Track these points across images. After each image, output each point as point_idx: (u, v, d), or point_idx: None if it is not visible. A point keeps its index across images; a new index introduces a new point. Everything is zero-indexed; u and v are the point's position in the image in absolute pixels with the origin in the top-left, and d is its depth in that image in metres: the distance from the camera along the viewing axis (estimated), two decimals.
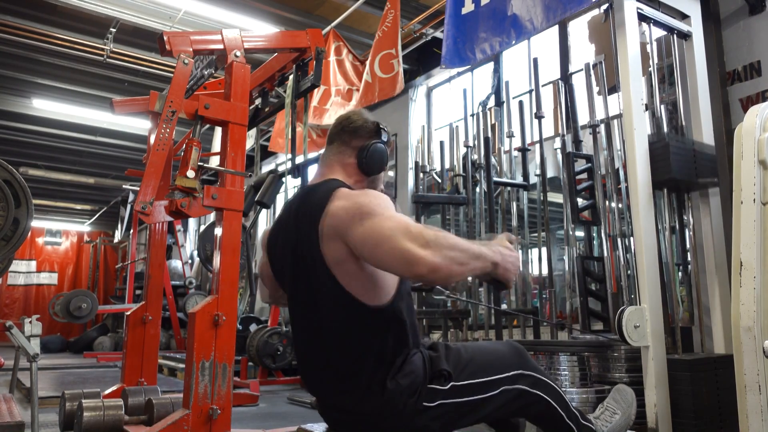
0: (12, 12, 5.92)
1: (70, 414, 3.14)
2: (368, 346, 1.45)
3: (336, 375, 1.50)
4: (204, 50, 3.00)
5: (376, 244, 1.34)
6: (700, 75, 3.36)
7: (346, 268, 1.43)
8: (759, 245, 2.07)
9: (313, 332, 1.55)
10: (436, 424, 1.52)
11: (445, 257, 1.31)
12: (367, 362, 1.45)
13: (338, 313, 1.46)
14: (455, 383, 1.53)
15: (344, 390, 1.49)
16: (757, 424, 1.98)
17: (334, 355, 1.49)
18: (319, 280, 1.46)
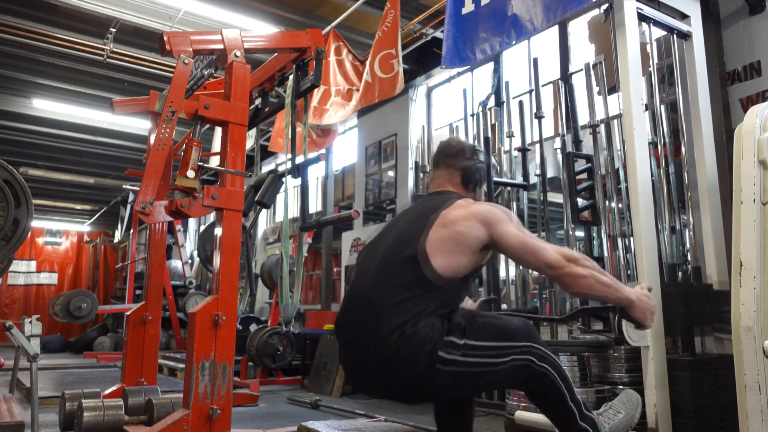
0: (12, 12, 5.92)
1: (70, 414, 3.14)
2: (417, 302, 1.70)
3: (375, 317, 1.71)
4: (204, 50, 2.99)
5: (532, 251, 1.75)
6: (700, 75, 3.36)
7: (448, 251, 1.74)
8: (759, 245, 2.07)
9: (372, 285, 1.79)
10: (446, 379, 1.68)
11: (586, 270, 1.72)
12: (407, 312, 1.67)
13: (410, 273, 1.73)
14: (469, 341, 1.70)
15: (374, 331, 1.69)
16: (757, 424, 1.98)
17: (384, 301, 1.72)
18: (410, 251, 1.75)
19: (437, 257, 1.73)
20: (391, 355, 1.67)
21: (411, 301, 1.70)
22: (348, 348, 1.86)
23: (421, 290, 1.72)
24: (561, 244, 4.07)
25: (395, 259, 1.80)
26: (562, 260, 1.74)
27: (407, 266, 1.75)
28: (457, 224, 1.78)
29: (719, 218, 3.23)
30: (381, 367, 1.72)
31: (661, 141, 3.47)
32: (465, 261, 1.77)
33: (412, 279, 1.73)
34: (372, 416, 3.86)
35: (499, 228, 1.78)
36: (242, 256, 4.08)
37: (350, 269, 7.02)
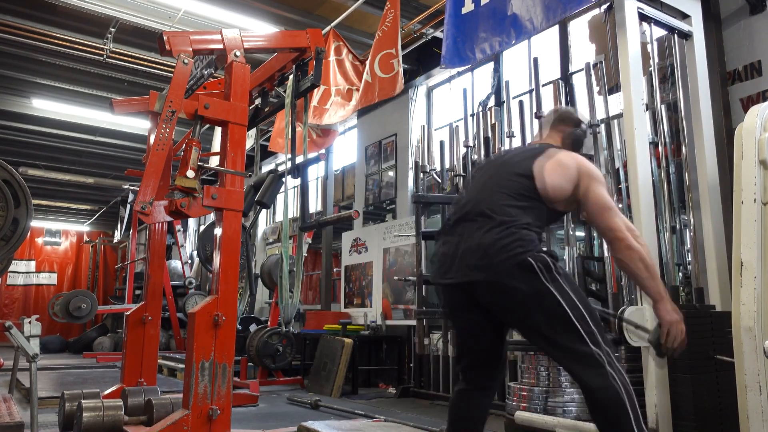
0: (12, 12, 5.92)
1: (69, 414, 3.14)
2: (522, 212, 1.93)
3: (482, 212, 1.96)
4: (204, 50, 2.99)
5: (605, 207, 1.94)
6: (701, 75, 3.36)
7: (552, 173, 1.99)
8: (759, 245, 2.06)
9: (481, 190, 2.06)
10: (522, 284, 1.82)
11: (638, 246, 1.86)
12: (514, 216, 1.91)
13: (518, 185, 1.99)
14: (558, 275, 1.84)
15: (480, 222, 1.93)
16: (757, 425, 1.98)
17: (493, 201, 1.97)
18: (519, 170, 2.02)
19: (544, 175, 1.98)
20: (489, 244, 1.87)
21: (515, 209, 1.93)
22: (448, 238, 2.04)
23: (527, 203, 1.96)
24: (561, 244, 4.07)
25: (505, 175, 2.05)
26: (623, 227, 1.89)
27: (518, 179, 2.00)
28: (561, 159, 2.03)
29: (720, 218, 3.22)
30: (477, 249, 1.90)
31: (661, 141, 3.46)
32: (563, 188, 1.99)
33: (521, 189, 1.98)
34: (372, 416, 3.86)
35: (591, 180, 1.98)
36: (242, 256, 4.09)
37: (350, 269, 7.02)
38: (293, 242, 3.89)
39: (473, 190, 2.14)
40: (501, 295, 1.88)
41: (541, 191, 1.97)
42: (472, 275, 1.91)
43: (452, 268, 1.98)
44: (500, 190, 2.01)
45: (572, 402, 3.16)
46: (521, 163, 2.07)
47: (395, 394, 5.25)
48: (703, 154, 3.28)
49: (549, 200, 1.99)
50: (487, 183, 2.09)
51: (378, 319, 6.24)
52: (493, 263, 1.85)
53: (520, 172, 2.02)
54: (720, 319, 2.82)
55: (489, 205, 1.97)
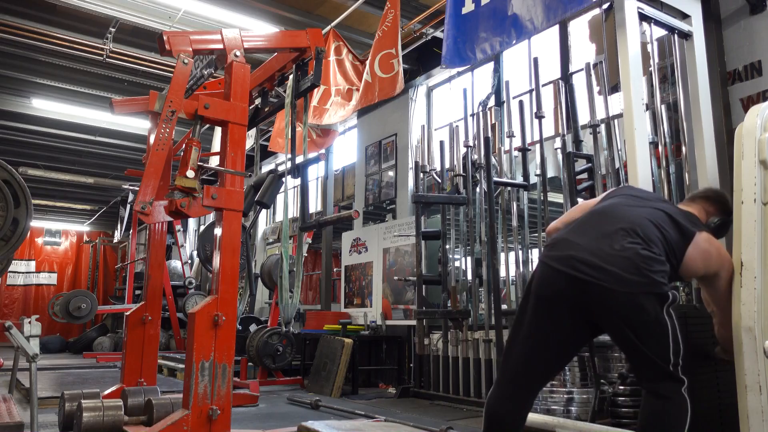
0: (12, 12, 5.92)
1: (69, 414, 3.14)
2: (663, 256, 1.96)
3: (632, 232, 1.97)
4: (204, 50, 2.99)
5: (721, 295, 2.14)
6: (701, 75, 3.36)
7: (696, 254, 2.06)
8: (759, 245, 2.06)
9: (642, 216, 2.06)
10: (652, 310, 1.87)
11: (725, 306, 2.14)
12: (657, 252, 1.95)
13: (674, 237, 2.02)
14: (674, 316, 1.93)
15: (623, 238, 1.94)
16: (757, 425, 1.98)
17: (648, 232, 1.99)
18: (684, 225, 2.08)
19: (694, 251, 2.04)
20: (635, 253, 1.90)
21: (661, 249, 1.97)
22: (575, 238, 2.02)
23: (667, 253, 1.98)
24: None
25: (667, 217, 2.07)
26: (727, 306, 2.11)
27: (675, 231, 2.04)
28: (711, 249, 2.09)
29: None
30: (626, 259, 1.89)
31: (661, 141, 3.46)
32: (696, 272, 2.11)
33: (672, 242, 2.01)
34: (372, 416, 3.86)
35: (723, 274, 2.12)
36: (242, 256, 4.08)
37: (350, 269, 7.02)
38: (293, 242, 3.89)
39: (633, 205, 2.14)
40: (627, 309, 1.89)
41: (684, 260, 2.04)
42: (607, 280, 1.88)
43: (576, 258, 1.93)
44: (657, 229, 2.02)
45: (572, 402, 3.16)
46: (688, 223, 2.10)
47: (395, 394, 5.25)
48: (703, 154, 3.27)
49: (678, 268, 2.06)
50: (651, 213, 2.08)
51: (378, 319, 6.24)
52: (639, 281, 1.87)
53: (684, 227, 2.07)
54: None
55: (641, 225, 1.99)
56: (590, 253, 1.93)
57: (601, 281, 1.86)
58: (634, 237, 1.94)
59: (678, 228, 2.05)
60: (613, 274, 1.86)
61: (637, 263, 1.88)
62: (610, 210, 2.13)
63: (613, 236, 1.95)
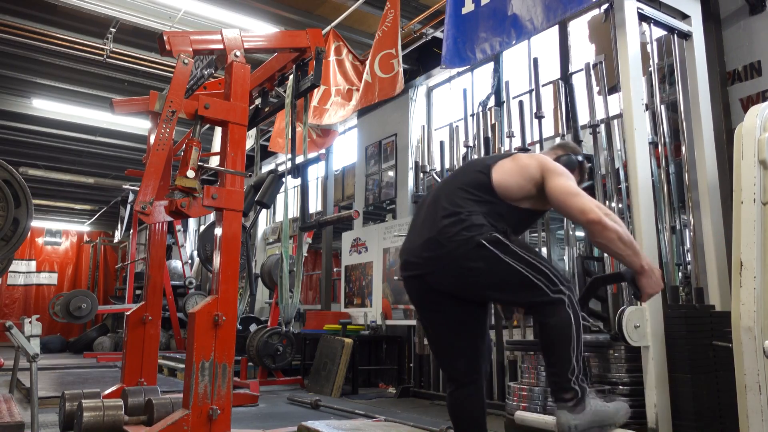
0: (12, 12, 5.92)
1: (70, 414, 3.14)
2: (475, 204, 2.02)
3: (436, 207, 2.07)
4: (204, 50, 2.99)
5: (570, 193, 1.97)
6: (701, 75, 3.36)
7: (508, 173, 2.08)
8: (759, 245, 2.06)
9: (439, 189, 2.18)
10: (480, 263, 1.92)
11: (613, 225, 1.89)
12: (465, 207, 2.00)
13: (473, 180, 2.10)
14: (511, 245, 1.94)
15: (433, 215, 2.05)
16: (757, 425, 1.98)
17: (447, 197, 2.07)
18: (478, 168, 2.14)
19: (498, 173, 2.08)
20: (440, 231, 1.98)
21: (468, 201, 2.02)
22: (410, 238, 2.17)
23: (480, 196, 2.04)
24: (561, 244, 4.07)
25: (464, 173, 2.19)
26: (595, 209, 1.92)
27: (474, 175, 2.11)
28: (522, 160, 2.13)
29: (719, 218, 3.22)
30: (431, 241, 2.00)
31: (661, 141, 3.46)
32: (519, 186, 2.06)
33: (473, 183, 2.07)
34: (372, 416, 3.86)
35: (550, 174, 2.05)
36: (242, 256, 4.08)
37: (350, 269, 7.02)
38: (293, 242, 3.89)
39: (439, 184, 2.26)
40: (461, 277, 1.97)
41: (495, 188, 2.05)
42: (429, 266, 2.01)
43: (412, 262, 2.08)
44: (457, 184, 2.12)
45: None
46: (485, 161, 2.19)
47: (395, 394, 5.25)
48: (702, 154, 3.28)
49: (505, 197, 2.06)
50: (450, 178, 2.23)
51: (378, 319, 6.24)
52: (447, 251, 1.95)
53: (479, 169, 2.14)
54: (720, 319, 2.82)
55: (446, 197, 2.08)
56: (416, 250, 2.08)
57: (428, 269, 2.02)
58: (444, 212, 2.03)
59: (478, 171, 2.13)
60: (429, 259, 2.00)
61: (442, 237, 1.97)
62: (427, 200, 2.22)
63: (429, 222, 2.07)
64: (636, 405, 2.90)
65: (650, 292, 1.97)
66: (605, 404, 2.04)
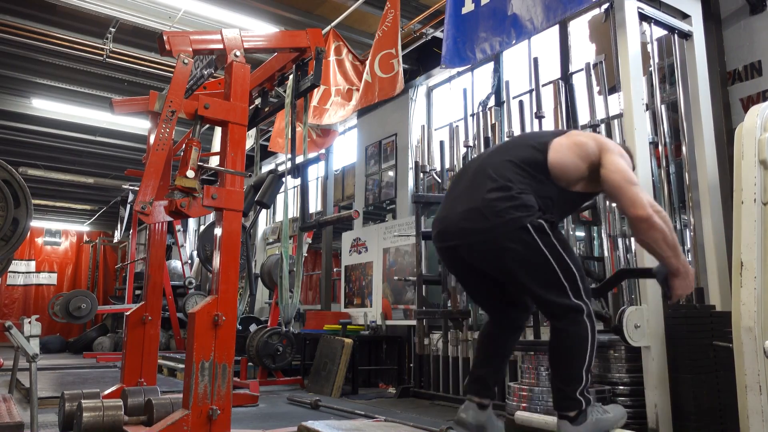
0: (12, 12, 5.91)
1: (69, 414, 3.13)
2: (527, 181, 1.94)
3: (485, 177, 1.97)
4: (204, 50, 2.99)
5: (628, 180, 1.89)
6: (701, 75, 3.36)
7: (564, 152, 1.98)
8: (759, 245, 2.06)
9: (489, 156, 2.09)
10: (517, 245, 1.87)
11: (661, 223, 1.84)
12: (518, 183, 1.92)
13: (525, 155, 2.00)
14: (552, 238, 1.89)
15: (481, 184, 1.96)
16: (757, 425, 1.98)
17: (498, 168, 1.98)
18: (532, 142, 2.04)
19: (554, 152, 1.97)
20: (488, 202, 1.90)
21: (519, 176, 1.93)
22: (448, 204, 2.08)
23: (531, 173, 1.94)
24: None
25: (515, 145, 2.07)
26: (647, 203, 1.85)
27: (526, 150, 2.01)
28: (579, 137, 2.05)
29: (720, 218, 3.22)
30: (474, 211, 1.93)
31: (661, 141, 3.46)
32: (574, 167, 1.97)
33: (526, 159, 1.97)
34: (372, 416, 3.86)
35: (609, 153, 1.97)
36: (242, 256, 4.08)
37: (350, 269, 7.02)
38: (293, 242, 3.89)
39: (485, 152, 2.17)
40: (495, 254, 1.94)
41: (551, 168, 1.96)
42: (466, 237, 1.97)
43: (448, 232, 2.04)
44: (509, 157, 2.01)
45: None
46: (541, 137, 2.08)
47: (395, 394, 5.25)
48: (703, 154, 3.27)
49: (558, 179, 1.98)
50: (500, 148, 2.12)
51: (378, 319, 6.24)
52: (491, 225, 1.89)
53: (534, 144, 2.04)
54: (720, 319, 2.82)
55: (495, 168, 1.99)
56: (454, 218, 2.02)
57: (463, 239, 1.97)
58: (490, 183, 1.95)
59: (533, 147, 2.04)
60: (468, 231, 1.95)
61: (488, 210, 1.91)
62: (470, 168, 2.14)
63: (472, 192, 1.99)
64: (636, 405, 2.90)
65: (681, 293, 1.94)
66: (606, 411, 2.04)
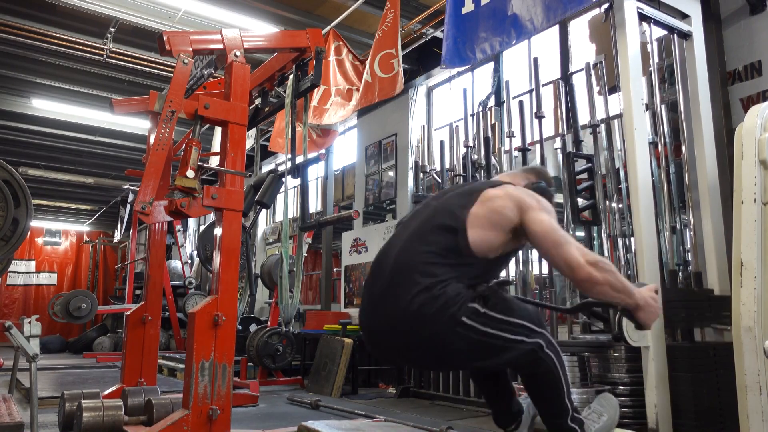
0: (12, 12, 5.91)
1: (69, 414, 3.13)
2: (447, 269, 1.78)
3: (402, 278, 1.81)
4: (204, 50, 2.99)
5: (555, 243, 1.76)
6: (701, 75, 3.36)
7: (483, 227, 1.82)
8: (759, 245, 2.06)
9: (403, 249, 1.89)
10: (462, 344, 1.75)
11: (601, 275, 1.72)
12: (436, 276, 1.76)
13: (443, 241, 1.82)
14: (489, 312, 1.78)
15: (401, 291, 1.78)
16: (757, 424, 1.98)
17: (414, 263, 1.81)
18: (447, 222, 1.84)
19: (473, 230, 1.81)
20: (414, 314, 1.74)
21: (441, 267, 1.78)
22: (371, 309, 1.93)
23: (453, 260, 1.80)
24: None
25: (430, 227, 1.88)
26: (582, 262, 1.73)
27: (442, 234, 1.84)
28: (494, 202, 1.87)
29: (720, 218, 3.22)
30: (403, 325, 1.78)
31: (661, 141, 3.46)
32: (497, 239, 1.84)
33: (445, 246, 1.82)
34: (372, 416, 3.86)
35: (530, 212, 1.83)
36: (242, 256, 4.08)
37: (350, 269, 7.02)
38: (293, 242, 3.89)
39: (402, 237, 1.95)
40: (442, 359, 1.86)
41: (474, 249, 1.80)
42: (410, 354, 1.89)
43: (381, 345, 1.92)
44: (427, 247, 1.83)
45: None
46: (453, 211, 1.87)
47: (395, 394, 5.24)
48: (703, 154, 3.28)
49: (485, 254, 1.83)
50: (412, 238, 1.90)
51: None
52: (424, 337, 1.76)
53: (448, 224, 1.85)
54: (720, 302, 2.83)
55: (415, 266, 1.81)
56: (384, 334, 1.88)
57: (402, 356, 1.91)
58: (416, 286, 1.76)
59: (449, 230, 1.84)
60: (404, 348, 1.84)
61: (417, 323, 1.74)
62: (390, 258, 1.92)
63: (396, 299, 1.80)
64: (636, 405, 2.90)
65: (649, 321, 1.84)
66: (600, 415, 2.06)
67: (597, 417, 2.05)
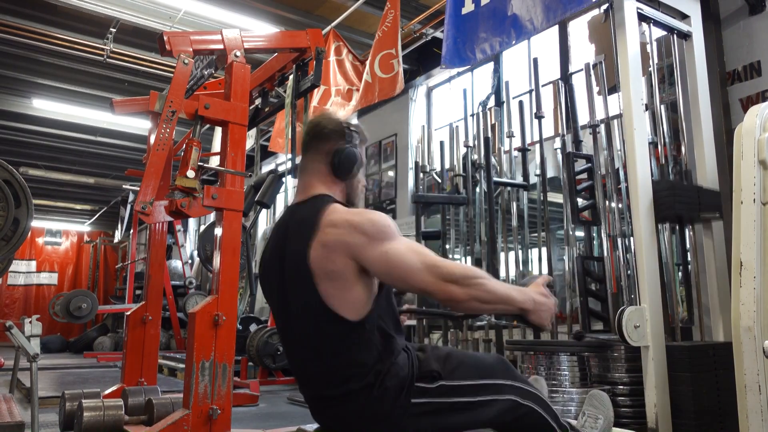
0: (12, 12, 5.92)
1: (70, 414, 3.14)
2: (353, 356, 1.49)
3: (325, 383, 1.56)
4: (204, 50, 3.00)
5: (404, 275, 1.45)
6: (700, 75, 3.36)
7: (332, 283, 1.45)
8: (759, 245, 2.07)
9: (300, 343, 1.59)
10: (425, 421, 1.53)
11: (466, 293, 1.45)
12: (353, 371, 1.49)
13: (323, 328, 1.50)
14: (444, 382, 1.55)
15: (333, 396, 1.55)
16: (757, 424, 1.98)
17: (321, 366, 1.55)
18: (305, 295, 1.49)
19: (334, 305, 1.46)
20: (360, 418, 1.53)
21: (348, 361, 1.49)
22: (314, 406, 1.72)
23: (351, 340, 1.49)
24: (561, 244, 4.06)
25: (300, 313, 1.53)
26: (436, 282, 1.45)
27: (325, 328, 1.50)
28: (330, 266, 1.46)
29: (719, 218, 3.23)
30: (354, 424, 1.56)
31: (661, 141, 3.47)
32: (359, 295, 1.48)
33: (336, 337, 1.50)
34: None
35: (369, 247, 1.46)
36: (242, 256, 4.09)
37: None
38: None
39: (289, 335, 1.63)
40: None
41: (351, 321, 1.47)
42: None
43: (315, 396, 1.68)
44: (318, 356, 1.55)
45: (572, 402, 3.16)
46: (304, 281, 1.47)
47: None
48: (702, 154, 3.28)
49: (361, 316, 1.49)
50: (299, 341, 1.60)
51: None
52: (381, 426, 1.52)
53: (309, 303, 1.48)
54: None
55: (322, 376, 1.58)
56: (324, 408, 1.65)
57: None
58: (334, 389, 1.54)
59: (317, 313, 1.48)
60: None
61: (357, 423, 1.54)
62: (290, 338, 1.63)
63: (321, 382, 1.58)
64: (636, 405, 2.91)
65: (544, 321, 1.62)
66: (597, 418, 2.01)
67: (593, 422, 2.01)
